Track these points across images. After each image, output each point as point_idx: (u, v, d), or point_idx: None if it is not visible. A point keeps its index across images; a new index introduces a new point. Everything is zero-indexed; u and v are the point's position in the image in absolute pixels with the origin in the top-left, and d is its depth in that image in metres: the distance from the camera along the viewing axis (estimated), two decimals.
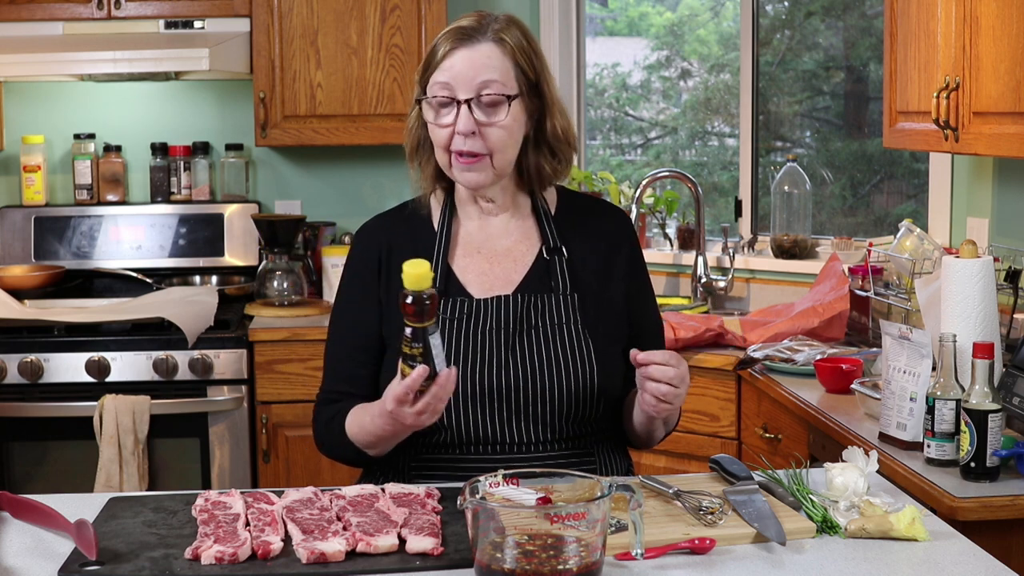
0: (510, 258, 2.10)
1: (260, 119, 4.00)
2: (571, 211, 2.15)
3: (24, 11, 3.91)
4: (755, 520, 1.73)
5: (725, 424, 3.25)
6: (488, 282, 2.07)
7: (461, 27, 2.01)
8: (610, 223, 2.17)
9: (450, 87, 1.98)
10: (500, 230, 2.11)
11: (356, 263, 2.15)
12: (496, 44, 2.00)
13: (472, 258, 2.09)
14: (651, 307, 2.18)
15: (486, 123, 1.99)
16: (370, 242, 2.14)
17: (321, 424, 2.10)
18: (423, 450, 2.05)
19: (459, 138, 1.99)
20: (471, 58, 1.98)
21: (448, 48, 1.99)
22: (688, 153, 4.82)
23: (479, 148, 1.99)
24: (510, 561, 1.48)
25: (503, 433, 2.01)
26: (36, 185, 4.23)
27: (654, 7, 4.91)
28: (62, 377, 3.57)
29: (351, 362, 2.10)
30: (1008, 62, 2.52)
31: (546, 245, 2.10)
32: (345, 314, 2.13)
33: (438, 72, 1.99)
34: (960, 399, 2.14)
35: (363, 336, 2.09)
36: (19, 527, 1.81)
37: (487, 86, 1.98)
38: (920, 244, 3.00)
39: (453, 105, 1.99)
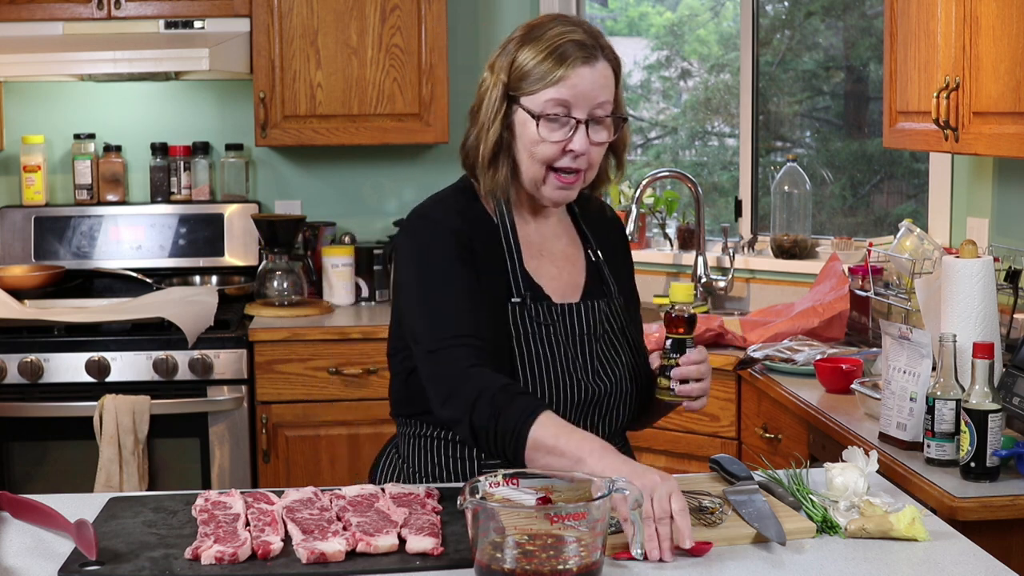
0: (569, 261, 2.10)
1: (260, 119, 4.00)
2: (588, 212, 2.17)
3: (24, 11, 3.91)
4: (755, 520, 1.74)
5: (725, 424, 3.25)
6: (561, 287, 2.06)
7: (576, 42, 1.95)
8: (615, 222, 2.22)
9: (568, 105, 1.95)
10: (553, 231, 2.11)
11: (445, 236, 1.98)
12: (610, 64, 1.99)
13: (539, 260, 2.07)
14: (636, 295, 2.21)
15: (595, 142, 1.98)
16: (450, 227, 2.00)
17: (478, 387, 1.84)
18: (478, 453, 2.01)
19: (569, 157, 1.96)
20: (592, 78, 1.95)
21: (572, 68, 1.93)
22: (688, 153, 4.82)
23: (583, 165, 1.99)
24: (510, 561, 1.49)
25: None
26: (36, 185, 4.23)
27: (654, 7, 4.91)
28: (62, 377, 3.57)
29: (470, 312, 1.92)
30: (1008, 62, 2.52)
31: (588, 248, 2.12)
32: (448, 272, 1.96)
33: (555, 88, 1.94)
34: (960, 399, 2.14)
35: (473, 291, 1.95)
36: (19, 527, 1.81)
37: (602, 107, 1.97)
38: (920, 244, 3.00)
39: (565, 122, 1.95)
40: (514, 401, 1.81)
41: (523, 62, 1.96)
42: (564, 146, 1.96)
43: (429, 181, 4.00)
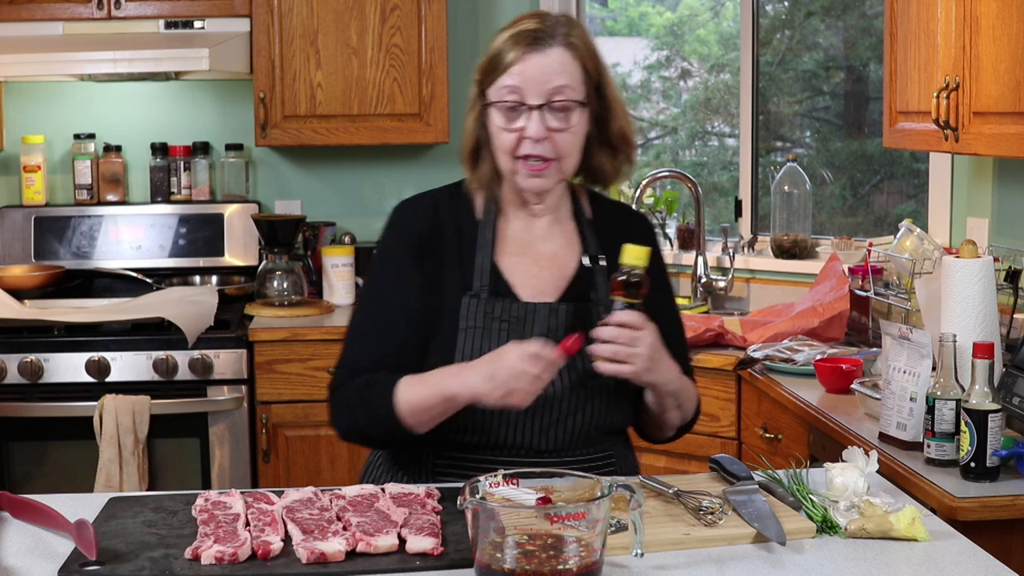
0: (555, 263, 2.08)
1: (260, 119, 4.00)
2: (605, 218, 2.15)
3: (24, 11, 3.91)
4: (755, 520, 1.74)
5: (725, 424, 3.25)
6: (536, 286, 2.05)
7: (528, 30, 1.97)
8: (641, 231, 2.16)
9: (520, 91, 1.96)
10: (544, 232, 2.09)
11: (394, 237, 2.08)
12: (567, 49, 1.99)
13: (519, 258, 2.07)
14: (675, 315, 2.18)
15: (556, 128, 1.97)
16: (413, 220, 2.08)
17: (352, 392, 1.99)
18: (453, 449, 2.02)
19: (528, 143, 1.97)
20: (542, 63, 1.96)
21: (519, 53, 1.96)
22: (688, 153, 4.82)
23: (548, 153, 1.98)
24: (510, 561, 1.49)
25: (538, 439, 2.01)
26: (36, 185, 4.23)
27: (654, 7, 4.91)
28: (62, 377, 3.57)
29: (388, 338, 2.02)
30: (1008, 62, 2.52)
31: (587, 252, 2.09)
32: (384, 288, 2.06)
33: (507, 76, 1.96)
34: (960, 399, 2.14)
35: (403, 312, 2.02)
36: (19, 527, 1.81)
37: (559, 92, 1.97)
38: (920, 244, 3.00)
39: (522, 110, 1.97)
40: (375, 385, 1.96)
41: (488, 55, 2.01)
42: (521, 133, 1.97)
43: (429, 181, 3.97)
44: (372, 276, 2.11)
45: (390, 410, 1.93)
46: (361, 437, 2.03)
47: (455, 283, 2.02)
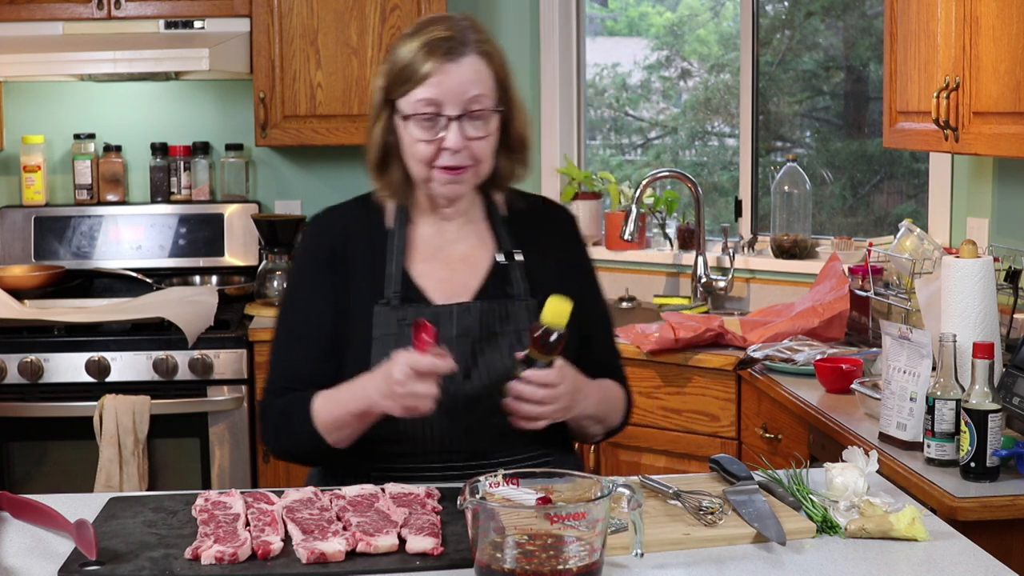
0: (467, 264, 2.08)
1: (260, 119, 4.01)
2: (521, 213, 2.14)
3: (24, 11, 3.91)
4: (755, 520, 1.74)
5: (725, 424, 3.25)
6: (449, 289, 2.05)
7: (441, 39, 1.96)
8: (559, 223, 2.17)
9: (438, 103, 1.95)
10: (455, 235, 2.09)
11: (309, 254, 2.10)
12: (481, 57, 1.98)
13: (429, 264, 2.07)
14: (599, 305, 2.18)
15: (472, 137, 1.98)
16: (325, 233, 2.10)
17: (275, 412, 2.03)
18: (384, 459, 2.02)
19: (447, 154, 1.97)
20: (459, 73, 1.95)
21: (434, 64, 1.95)
22: (688, 153, 4.82)
23: (466, 161, 1.98)
24: (510, 561, 1.49)
25: (466, 441, 2.01)
26: (36, 185, 4.23)
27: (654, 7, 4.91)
28: (62, 377, 3.57)
29: (304, 354, 2.05)
30: (1008, 62, 2.52)
31: (501, 250, 2.09)
32: (297, 305, 2.08)
33: (423, 88, 1.95)
34: (960, 399, 2.14)
35: (317, 327, 2.04)
36: (19, 527, 1.81)
37: (476, 101, 1.97)
38: (920, 244, 3.00)
39: (437, 121, 1.96)
40: (295, 406, 1.99)
41: (395, 64, 1.99)
42: (439, 144, 1.96)
43: None
44: (287, 294, 2.12)
45: (311, 431, 1.97)
46: (292, 457, 2.07)
47: (367, 293, 2.03)
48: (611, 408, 2.11)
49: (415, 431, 1.99)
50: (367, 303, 2.02)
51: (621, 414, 2.15)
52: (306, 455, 2.05)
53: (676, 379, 3.33)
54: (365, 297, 2.03)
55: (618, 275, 4.22)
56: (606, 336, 2.18)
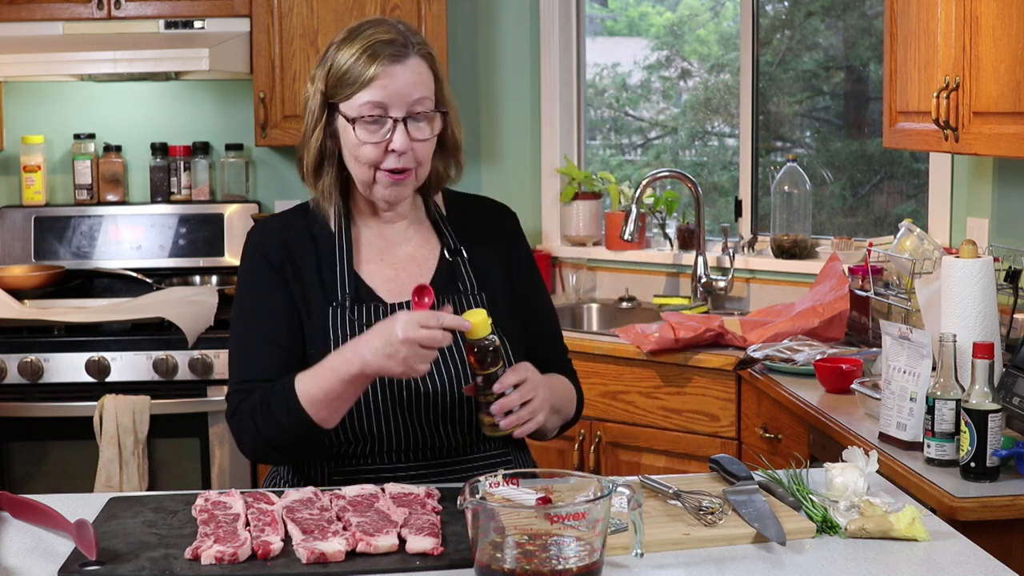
0: (414, 263, 2.09)
1: (260, 119, 4.01)
2: (461, 212, 2.16)
3: (24, 11, 3.91)
4: (755, 520, 1.74)
5: (725, 424, 3.25)
6: (398, 288, 2.06)
7: (385, 42, 1.97)
8: (500, 220, 2.19)
9: (384, 106, 1.96)
10: (400, 237, 2.11)
11: (256, 258, 2.07)
12: (424, 59, 2.00)
13: (376, 265, 2.08)
14: (544, 300, 2.20)
15: (418, 139, 1.99)
16: (267, 239, 2.09)
17: (249, 406, 1.97)
18: (346, 461, 2.02)
19: (392, 156, 1.98)
20: (404, 76, 1.96)
21: (380, 67, 1.95)
22: (688, 153, 4.82)
23: (410, 163, 2.00)
24: (510, 561, 1.49)
25: (426, 439, 2.02)
26: (36, 185, 4.23)
27: (654, 7, 4.91)
28: (62, 377, 3.57)
29: (268, 352, 2.01)
30: (1008, 62, 2.52)
31: (446, 248, 2.11)
32: (252, 306, 2.05)
33: (368, 91, 1.96)
34: (960, 399, 2.14)
35: (275, 326, 2.02)
36: (19, 527, 1.81)
37: (420, 103, 1.98)
38: (920, 244, 3.00)
39: (383, 123, 1.97)
40: (273, 392, 1.94)
41: (336, 68, 1.99)
42: (385, 146, 1.97)
43: None
44: (240, 302, 2.08)
45: (294, 409, 1.91)
46: (270, 449, 1.98)
47: (318, 296, 2.03)
48: (564, 399, 2.12)
49: (375, 430, 1.99)
50: (320, 305, 2.03)
51: (574, 405, 2.17)
52: (286, 444, 1.96)
53: (676, 379, 3.33)
54: (316, 300, 2.03)
55: (618, 275, 4.22)
56: (553, 331, 2.21)
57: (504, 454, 2.09)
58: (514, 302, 2.12)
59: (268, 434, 1.95)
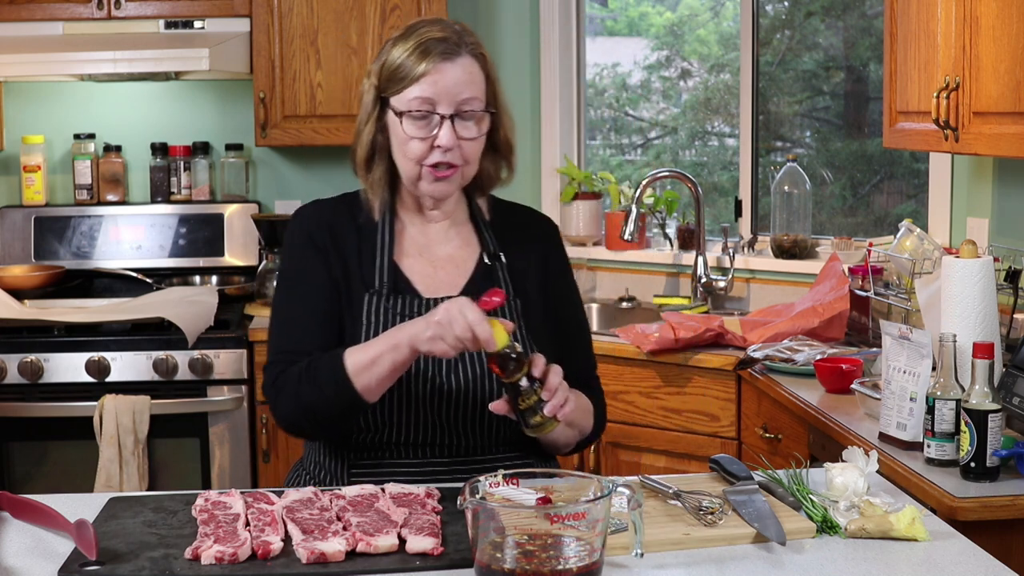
0: (452, 263, 2.11)
1: (260, 119, 4.01)
2: (505, 219, 2.18)
3: (24, 11, 3.91)
4: (755, 520, 1.74)
5: (725, 424, 3.25)
6: (434, 284, 2.08)
7: (437, 39, 2.00)
8: (541, 231, 2.20)
9: (432, 102, 1.98)
10: (441, 236, 2.12)
11: (301, 237, 2.10)
12: (475, 59, 2.02)
13: (416, 260, 2.10)
14: (578, 314, 2.20)
15: (464, 137, 2.00)
16: (312, 221, 2.11)
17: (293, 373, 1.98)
18: (365, 453, 2.04)
19: (438, 152, 1.99)
20: (453, 74, 1.99)
21: (430, 63, 1.98)
22: (688, 153, 4.82)
23: (456, 160, 2.01)
24: (510, 561, 1.49)
25: (447, 436, 2.03)
26: (36, 185, 4.23)
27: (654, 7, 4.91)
28: (62, 377, 3.57)
29: (310, 324, 2.04)
30: (1008, 62, 2.52)
31: (486, 251, 2.12)
32: (296, 281, 2.08)
33: (417, 86, 1.98)
34: (960, 399, 2.14)
35: (318, 301, 2.05)
36: (19, 527, 1.81)
37: (468, 102, 2.00)
38: (920, 244, 3.00)
39: (431, 119, 1.99)
40: (319, 361, 1.96)
41: (390, 63, 2.03)
42: (431, 142, 1.99)
43: None
44: (284, 277, 2.11)
45: (341, 375, 1.92)
46: (308, 421, 1.98)
47: (357, 283, 2.05)
48: (583, 413, 2.11)
49: (395, 419, 2.00)
50: (357, 292, 2.05)
51: (591, 420, 2.15)
52: (326, 415, 1.96)
53: (676, 379, 3.33)
54: (354, 286, 2.05)
55: (618, 275, 4.22)
56: (583, 345, 2.20)
57: (524, 456, 2.08)
58: (547, 312, 2.12)
59: (308, 404, 1.96)
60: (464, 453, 2.05)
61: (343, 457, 2.06)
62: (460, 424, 2.02)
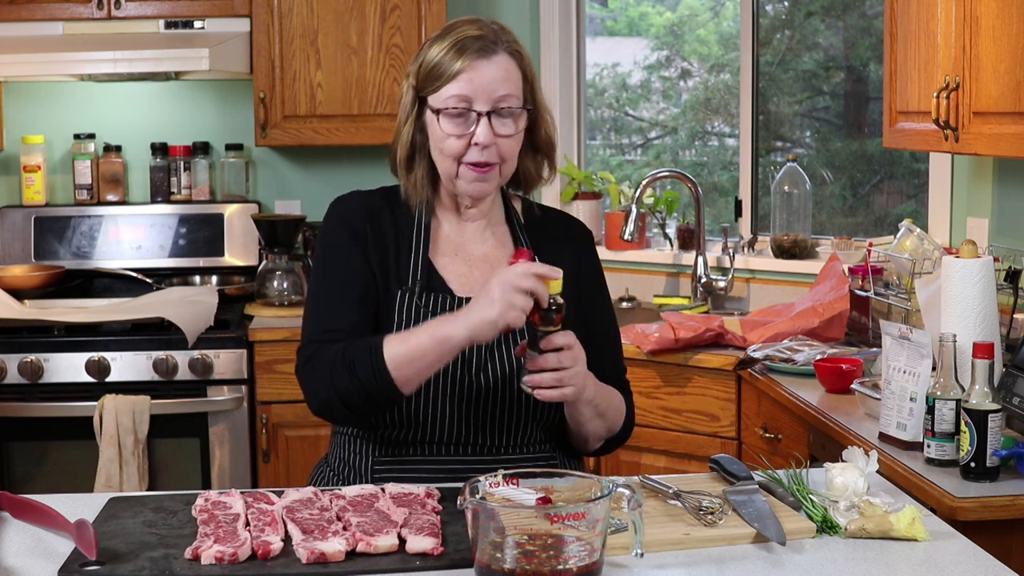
0: (487, 263, 2.11)
1: (260, 119, 4.01)
2: (539, 221, 2.18)
3: (24, 11, 3.91)
4: (755, 520, 1.74)
5: (725, 424, 3.25)
6: (468, 284, 2.09)
7: (473, 37, 2.01)
8: (575, 234, 2.21)
9: (469, 99, 1.99)
10: (477, 236, 2.13)
11: (340, 224, 2.09)
12: (512, 57, 2.03)
13: (451, 258, 2.11)
14: (609, 319, 2.20)
15: (501, 135, 2.01)
16: (352, 210, 2.11)
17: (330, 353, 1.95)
18: (391, 449, 2.04)
19: (475, 150, 2.00)
20: (490, 71, 1.99)
21: (467, 61, 1.99)
22: (688, 153, 4.82)
23: (493, 158, 2.01)
24: (510, 561, 1.49)
25: (474, 434, 2.03)
26: (36, 185, 4.23)
27: (654, 7, 4.91)
28: (62, 377, 3.57)
29: (345, 308, 2.02)
30: (1008, 62, 2.52)
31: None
32: (332, 266, 2.07)
33: (455, 84, 1.99)
34: (960, 399, 2.14)
35: (355, 287, 2.04)
36: (19, 527, 1.81)
37: (505, 100, 2.00)
38: (920, 244, 3.00)
39: (468, 116, 2.00)
40: (356, 347, 1.93)
41: (427, 62, 2.02)
42: (469, 140, 2.00)
43: None
44: (323, 260, 2.09)
45: (378, 365, 1.90)
46: (340, 405, 1.95)
47: (391, 278, 2.06)
48: (611, 405, 2.10)
49: (421, 417, 2.00)
50: (392, 287, 2.05)
51: (622, 418, 2.15)
52: (359, 402, 1.93)
53: (676, 379, 3.33)
54: (390, 280, 2.05)
55: (618, 275, 4.22)
56: (612, 347, 2.20)
57: (551, 457, 2.08)
58: (579, 314, 2.11)
59: (342, 389, 1.93)
60: (491, 452, 2.04)
61: (368, 454, 2.06)
62: (488, 423, 2.02)
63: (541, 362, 1.88)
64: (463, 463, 2.03)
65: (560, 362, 1.88)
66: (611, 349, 2.19)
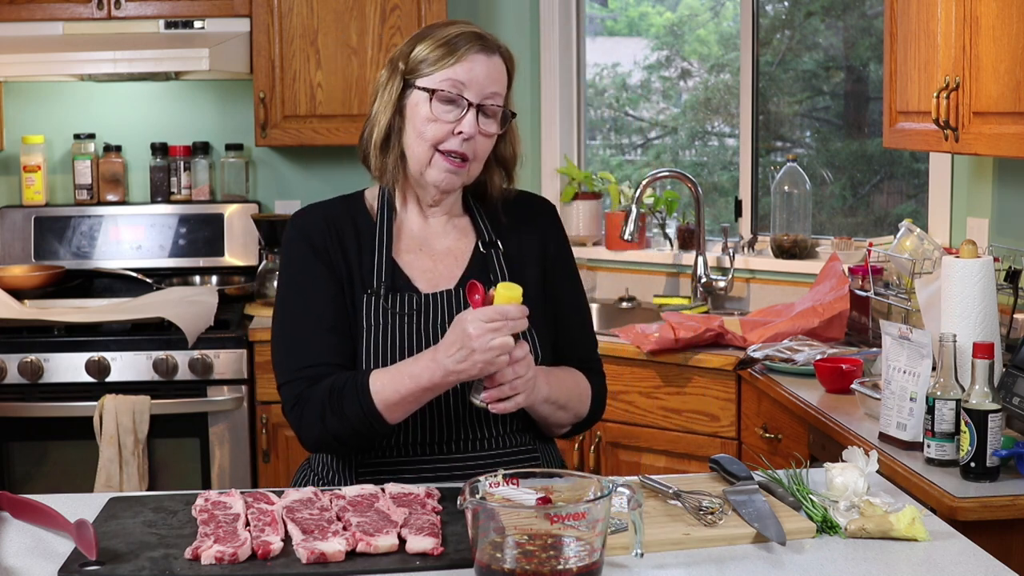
0: (451, 256, 2.12)
1: (260, 119, 4.01)
2: (503, 205, 2.18)
3: (24, 11, 3.91)
4: (755, 520, 1.74)
5: (725, 424, 3.25)
6: (434, 279, 2.09)
7: (475, 34, 2.04)
8: (538, 213, 2.21)
9: (462, 87, 2.00)
10: (439, 230, 2.14)
11: (300, 243, 2.09)
12: (504, 62, 2.06)
13: (415, 255, 2.11)
14: (578, 294, 2.21)
15: (484, 131, 2.03)
16: (311, 223, 2.11)
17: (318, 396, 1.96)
18: (372, 453, 2.04)
19: (457, 139, 2.01)
20: (486, 67, 2.02)
21: (468, 51, 2.01)
22: (688, 153, 4.82)
23: (469, 152, 2.03)
24: (510, 561, 1.49)
25: (453, 430, 2.04)
26: (36, 185, 4.23)
27: (654, 7, 4.91)
28: (62, 377, 3.57)
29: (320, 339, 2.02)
30: (1008, 62, 2.52)
31: (481, 240, 2.13)
32: (299, 293, 2.06)
33: (452, 70, 2.00)
34: (960, 399, 2.14)
35: (325, 311, 2.03)
36: (19, 527, 1.81)
37: (493, 97, 2.03)
38: (920, 244, 3.00)
39: (457, 104, 2.01)
40: (343, 389, 1.95)
41: (421, 50, 2.04)
42: (454, 127, 2.01)
43: None
44: (287, 286, 2.08)
45: (368, 409, 1.93)
46: (334, 442, 1.99)
47: (356, 283, 2.06)
48: (572, 394, 2.11)
49: (406, 421, 2.00)
50: (356, 292, 2.05)
51: (588, 402, 2.16)
52: (352, 440, 1.98)
53: (676, 379, 3.33)
54: (354, 287, 2.06)
55: (618, 275, 4.22)
56: (583, 326, 2.21)
57: (531, 448, 2.10)
58: (546, 294, 2.13)
59: (335, 431, 1.97)
60: (467, 448, 2.05)
61: (350, 457, 2.06)
62: (468, 419, 2.03)
63: (498, 378, 1.91)
64: (443, 462, 2.03)
65: (515, 373, 1.91)
66: (580, 325, 2.20)
